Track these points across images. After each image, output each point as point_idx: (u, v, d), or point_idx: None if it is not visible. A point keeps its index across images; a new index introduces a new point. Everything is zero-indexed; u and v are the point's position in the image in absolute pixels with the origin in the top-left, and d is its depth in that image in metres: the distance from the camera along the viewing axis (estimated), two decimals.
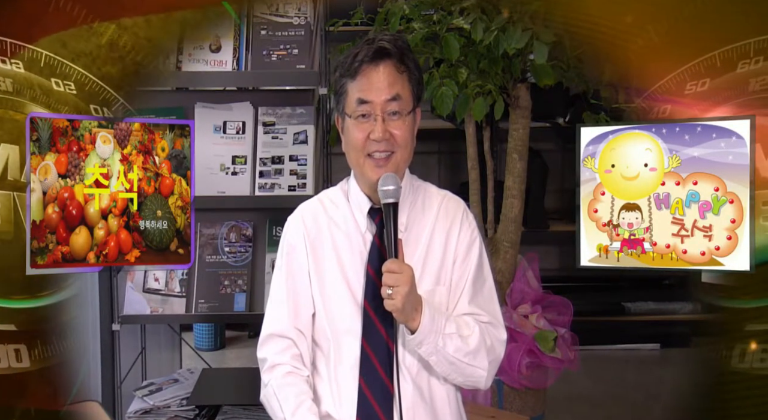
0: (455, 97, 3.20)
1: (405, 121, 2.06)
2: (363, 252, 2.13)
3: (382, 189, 2.02)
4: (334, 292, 2.13)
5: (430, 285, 2.12)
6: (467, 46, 3.23)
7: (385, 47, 2.04)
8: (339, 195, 2.22)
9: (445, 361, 2.05)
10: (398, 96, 2.04)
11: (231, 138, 3.36)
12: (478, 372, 2.09)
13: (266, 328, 2.19)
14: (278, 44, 3.27)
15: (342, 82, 2.09)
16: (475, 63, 3.28)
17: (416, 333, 2.01)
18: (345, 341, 2.11)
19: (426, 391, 2.12)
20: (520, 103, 3.48)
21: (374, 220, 2.12)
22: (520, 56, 3.26)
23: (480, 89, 3.25)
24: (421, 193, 2.20)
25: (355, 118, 2.06)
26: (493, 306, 2.20)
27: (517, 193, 3.56)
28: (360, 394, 2.08)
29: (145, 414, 3.22)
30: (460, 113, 3.29)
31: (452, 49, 3.14)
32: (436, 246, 2.15)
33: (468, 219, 2.20)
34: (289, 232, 2.21)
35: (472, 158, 3.72)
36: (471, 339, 2.06)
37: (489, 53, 3.20)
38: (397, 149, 2.06)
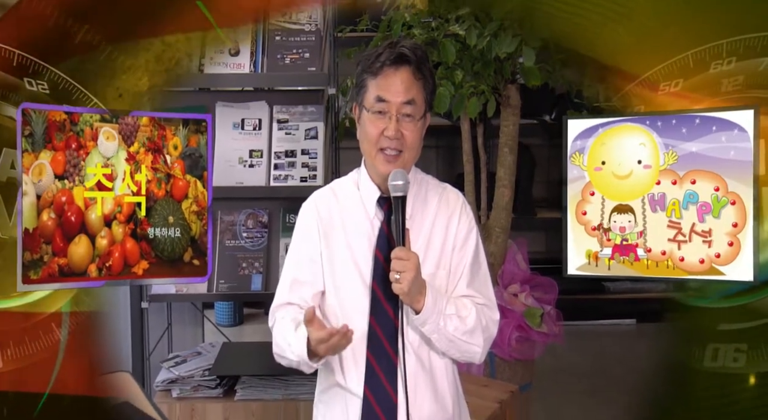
0: (452, 96, 3.23)
1: (416, 125, 2.04)
2: (372, 237, 2.11)
3: (392, 183, 2.00)
4: (345, 273, 2.11)
5: (431, 269, 2.10)
6: (462, 51, 3.23)
7: (405, 54, 2.01)
8: (350, 184, 2.18)
9: (445, 338, 2.05)
10: (413, 101, 2.02)
11: (248, 134, 3.35)
12: (473, 349, 2.08)
13: (276, 300, 2.17)
14: (291, 49, 3.27)
15: (363, 77, 2.06)
16: (469, 66, 3.28)
17: (420, 313, 2.01)
18: (354, 318, 2.07)
19: (427, 363, 2.11)
20: (510, 102, 3.49)
21: (382, 208, 2.10)
22: (510, 59, 3.27)
23: (474, 89, 3.25)
24: (424, 186, 2.18)
25: (372, 113, 2.03)
26: (488, 289, 2.18)
27: (507, 184, 3.56)
28: (368, 366, 2.07)
29: (171, 383, 3.23)
30: (456, 111, 3.30)
31: (449, 53, 3.15)
32: (437, 234, 2.13)
33: (466, 210, 2.18)
34: (304, 218, 2.18)
35: (467, 152, 3.73)
36: (468, 319, 2.06)
37: (482, 57, 3.21)
38: (405, 149, 2.04)
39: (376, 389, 2.06)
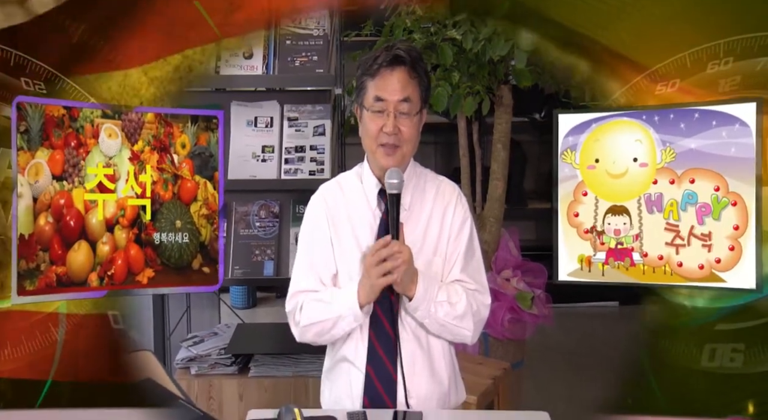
0: (449, 96, 3.26)
1: (412, 120, 2.07)
2: (373, 226, 2.14)
3: (388, 181, 2.03)
4: (351, 258, 2.14)
5: (429, 255, 2.13)
6: (459, 54, 3.27)
7: (401, 55, 2.04)
8: (354, 178, 2.22)
9: (436, 323, 2.09)
10: (409, 98, 2.05)
11: (261, 131, 3.34)
12: (464, 332, 2.12)
13: (294, 286, 2.18)
14: (300, 52, 3.25)
15: (363, 79, 2.09)
16: (465, 67, 3.32)
17: (412, 301, 2.05)
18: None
19: (425, 343, 2.14)
20: (503, 101, 3.52)
21: (383, 199, 2.12)
22: (503, 62, 3.31)
23: (470, 89, 3.29)
24: (422, 178, 2.20)
25: (372, 111, 2.06)
26: (480, 275, 2.20)
27: (500, 177, 3.60)
28: (370, 345, 2.11)
29: (190, 361, 3.22)
30: (453, 110, 3.33)
31: (446, 56, 3.20)
32: (434, 223, 2.15)
33: (461, 201, 2.20)
34: (313, 208, 2.21)
35: (463, 148, 3.76)
36: (459, 305, 2.09)
37: (477, 59, 3.25)
38: (403, 144, 2.07)
39: (377, 366, 2.10)
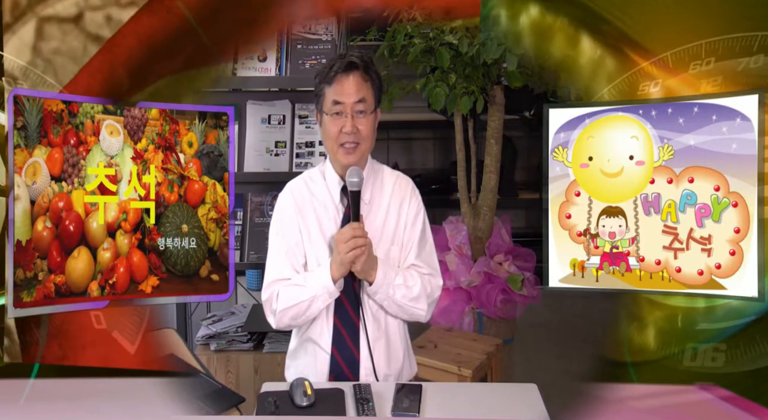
0: (446, 96, 3.24)
1: (368, 119, 2.06)
2: (337, 219, 2.14)
3: (349, 180, 2.02)
4: (319, 247, 2.14)
5: (387, 244, 2.15)
6: (456, 57, 3.26)
7: (354, 61, 2.04)
8: (317, 174, 2.19)
9: (395, 304, 2.11)
10: (364, 99, 2.04)
11: (274, 127, 3.33)
12: (418, 312, 2.14)
13: (270, 275, 2.15)
14: (310, 55, 3.24)
15: (321, 86, 2.07)
16: (461, 70, 3.31)
17: (372, 285, 2.07)
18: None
19: (383, 324, 2.16)
20: (496, 100, 3.51)
21: (346, 195, 2.10)
22: (496, 64, 3.27)
23: (465, 90, 3.28)
24: (380, 174, 2.20)
25: (330, 115, 2.05)
26: (433, 260, 2.21)
27: (493, 169, 3.58)
28: (334, 329, 2.13)
29: (210, 338, 3.24)
30: (450, 108, 3.33)
31: (444, 59, 3.19)
32: (391, 214, 2.16)
33: (415, 194, 2.21)
34: (282, 202, 2.19)
35: (460, 143, 3.74)
36: (414, 288, 2.11)
37: (472, 62, 3.24)
38: (362, 141, 2.06)
39: (341, 348, 2.11)
